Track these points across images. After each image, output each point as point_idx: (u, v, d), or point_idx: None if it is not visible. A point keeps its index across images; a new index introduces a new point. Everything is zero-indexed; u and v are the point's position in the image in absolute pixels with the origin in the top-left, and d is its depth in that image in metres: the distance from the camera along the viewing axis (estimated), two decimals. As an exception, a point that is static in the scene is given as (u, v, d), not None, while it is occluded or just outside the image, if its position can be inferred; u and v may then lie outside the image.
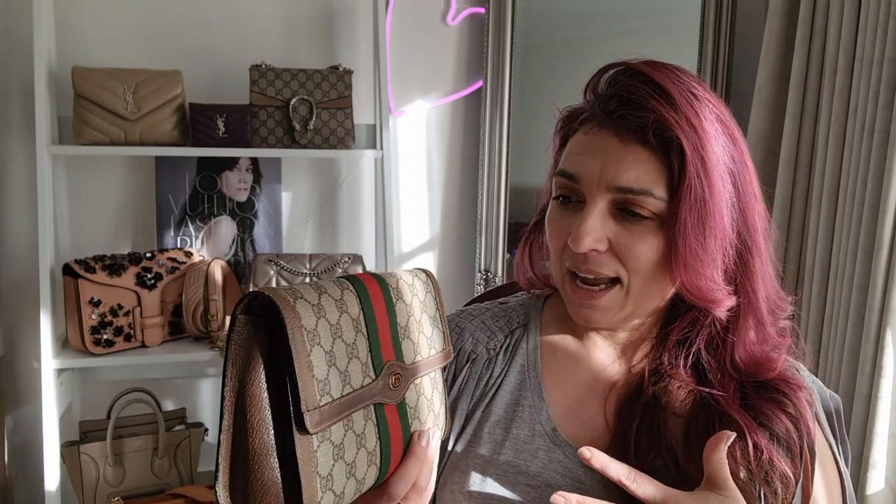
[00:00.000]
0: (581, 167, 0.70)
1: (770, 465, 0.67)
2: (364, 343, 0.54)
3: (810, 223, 1.66)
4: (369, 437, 0.53)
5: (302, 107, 1.77)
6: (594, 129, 0.70)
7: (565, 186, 0.72)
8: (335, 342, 0.51)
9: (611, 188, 0.68)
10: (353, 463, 0.51)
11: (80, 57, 1.76)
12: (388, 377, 0.56)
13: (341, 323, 0.52)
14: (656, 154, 0.68)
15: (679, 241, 0.67)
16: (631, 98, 0.68)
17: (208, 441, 1.86)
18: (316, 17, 1.95)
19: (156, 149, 1.70)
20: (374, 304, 0.56)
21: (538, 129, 2.02)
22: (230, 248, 1.95)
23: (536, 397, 0.77)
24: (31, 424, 1.87)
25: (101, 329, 1.63)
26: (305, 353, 0.48)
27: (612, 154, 0.68)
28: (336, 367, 0.51)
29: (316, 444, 0.48)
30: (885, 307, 1.38)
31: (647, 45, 2.03)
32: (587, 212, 0.69)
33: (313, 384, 0.48)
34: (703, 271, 0.69)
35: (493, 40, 1.98)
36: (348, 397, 0.51)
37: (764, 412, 0.70)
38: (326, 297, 0.52)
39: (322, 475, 0.49)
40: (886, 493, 1.41)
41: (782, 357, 0.75)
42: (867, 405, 1.42)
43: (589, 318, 0.73)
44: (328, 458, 0.49)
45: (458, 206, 2.11)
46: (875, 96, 1.44)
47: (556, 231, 0.74)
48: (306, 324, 0.49)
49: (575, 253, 0.70)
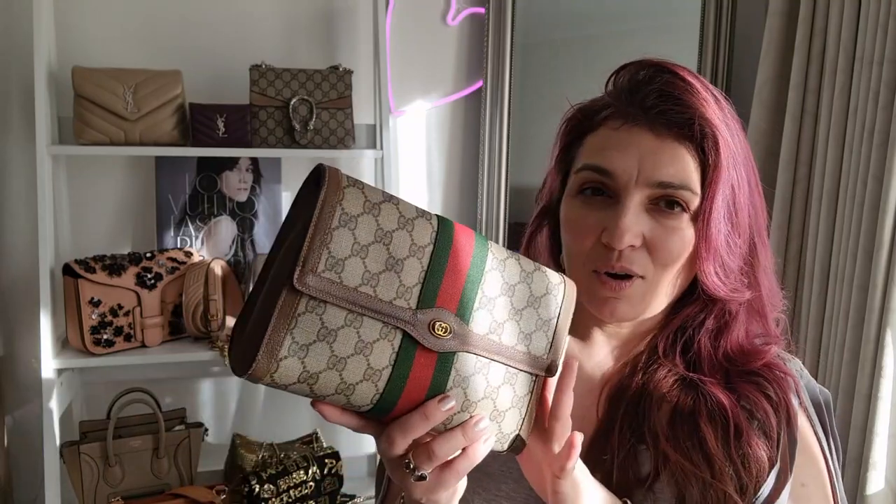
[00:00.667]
0: (615, 162, 0.70)
1: (748, 448, 0.69)
2: (417, 271, 0.53)
3: (810, 223, 1.66)
4: (378, 353, 0.52)
5: (302, 107, 1.77)
6: (625, 126, 0.70)
7: (594, 182, 0.71)
8: (375, 244, 0.52)
9: (650, 184, 0.68)
10: (344, 360, 0.51)
11: (80, 57, 1.76)
12: (432, 320, 0.54)
13: (395, 235, 0.53)
14: (690, 149, 0.69)
15: (713, 233, 0.69)
16: (670, 94, 0.69)
17: (208, 441, 1.86)
18: (316, 17, 1.95)
19: (156, 149, 1.70)
20: (455, 249, 0.55)
21: (538, 129, 2.02)
22: (230, 248, 1.95)
23: None
24: (31, 424, 1.87)
25: (101, 329, 1.63)
26: (328, 224, 0.50)
27: (648, 149, 0.69)
28: (363, 262, 0.51)
29: (302, 308, 0.49)
30: (885, 307, 1.38)
31: (647, 45, 2.02)
32: (625, 207, 0.68)
33: (322, 253, 0.49)
34: (729, 264, 0.71)
35: (493, 40, 1.98)
36: (363, 296, 0.51)
37: (745, 395, 0.72)
38: (391, 206, 0.53)
39: (296, 340, 0.49)
40: (886, 493, 1.41)
41: (772, 349, 0.76)
42: (867, 405, 1.42)
43: (615, 310, 0.72)
44: (311, 331, 0.50)
45: (458, 206, 2.11)
46: (875, 96, 1.44)
47: (582, 228, 0.72)
48: (347, 207, 0.51)
49: (604, 251, 0.70)
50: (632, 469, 0.71)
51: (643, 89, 0.71)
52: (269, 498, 1.73)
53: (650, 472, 0.71)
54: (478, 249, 0.57)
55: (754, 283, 0.74)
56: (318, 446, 1.91)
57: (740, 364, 0.74)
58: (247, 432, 1.95)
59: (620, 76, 0.74)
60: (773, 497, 0.69)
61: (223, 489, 1.72)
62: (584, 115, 0.76)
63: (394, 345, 0.53)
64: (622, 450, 0.71)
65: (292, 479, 1.77)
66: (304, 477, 1.79)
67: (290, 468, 1.78)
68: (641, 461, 0.71)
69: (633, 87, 0.72)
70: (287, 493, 1.76)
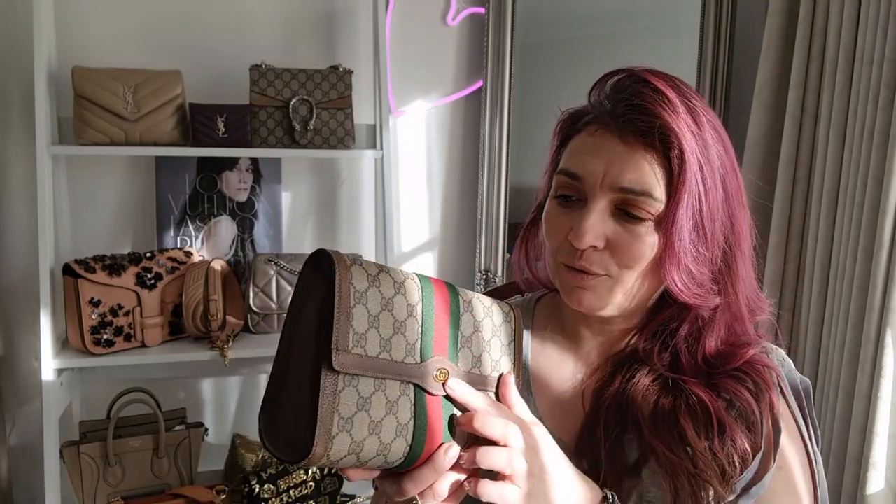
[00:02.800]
0: (585, 167, 0.73)
1: (732, 443, 0.71)
2: (415, 328, 0.59)
3: (810, 223, 1.66)
4: (402, 409, 0.57)
5: (302, 107, 1.77)
6: (599, 132, 0.73)
7: (567, 185, 0.75)
8: (383, 312, 0.57)
9: (613, 188, 0.71)
10: (380, 423, 0.56)
11: (80, 57, 1.76)
12: (434, 369, 0.60)
13: (394, 301, 0.58)
14: (658, 157, 0.71)
15: (674, 240, 0.71)
16: (637, 103, 0.71)
17: (208, 441, 1.86)
18: (316, 17, 1.95)
19: (156, 149, 1.70)
20: (436, 302, 0.62)
21: (538, 129, 2.02)
22: (230, 248, 1.95)
23: (525, 392, 0.80)
24: (31, 424, 1.87)
25: (101, 329, 1.63)
26: (348, 305, 0.55)
27: (615, 156, 0.71)
28: (378, 332, 0.56)
29: (341, 385, 0.54)
30: (885, 307, 1.38)
31: (647, 45, 2.03)
32: (589, 209, 0.72)
33: (349, 332, 0.54)
34: (694, 271, 0.73)
35: (493, 40, 1.98)
36: (384, 362, 0.56)
37: (726, 387, 0.74)
38: (386, 275, 0.59)
39: (342, 416, 0.53)
40: (886, 493, 1.41)
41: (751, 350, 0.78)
42: (867, 405, 1.42)
43: (581, 300, 0.75)
44: (351, 403, 0.54)
45: (458, 206, 2.11)
46: (875, 96, 1.44)
47: (554, 228, 0.76)
48: (356, 284, 0.56)
49: (571, 248, 0.73)
50: (619, 457, 0.74)
51: (615, 97, 0.73)
52: (269, 498, 1.73)
53: (637, 459, 0.74)
54: (451, 297, 0.64)
55: (729, 290, 0.76)
56: (318, 446, 1.91)
57: (720, 367, 0.76)
58: (247, 432, 1.95)
59: (600, 82, 0.77)
60: (755, 481, 0.72)
61: (223, 489, 1.72)
62: (571, 120, 0.79)
63: (410, 398, 0.58)
64: (608, 439, 0.74)
65: (292, 479, 1.77)
66: (304, 477, 1.79)
67: (290, 468, 1.78)
68: (628, 449, 0.74)
69: (608, 95, 0.75)
70: (287, 493, 1.76)
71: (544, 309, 0.89)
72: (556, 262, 0.77)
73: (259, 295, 1.80)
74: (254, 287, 1.80)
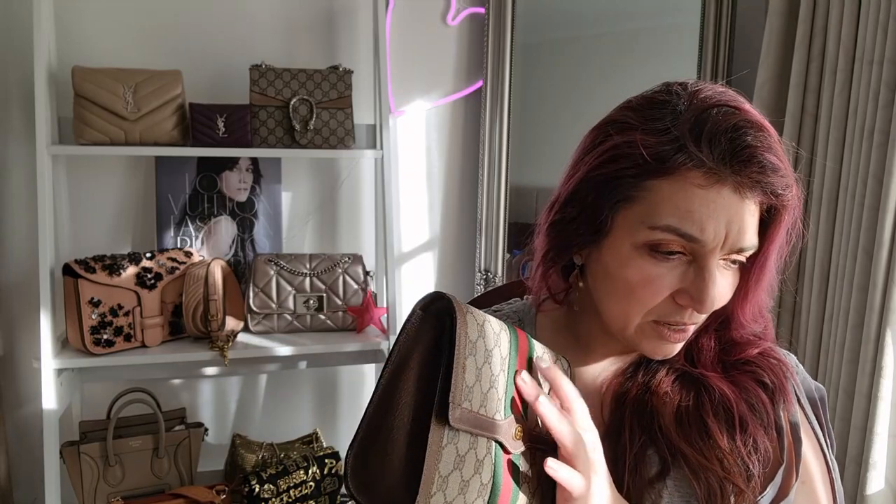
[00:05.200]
0: (706, 230, 0.64)
1: (754, 442, 0.69)
2: (504, 383, 0.56)
3: (810, 223, 1.66)
4: (486, 469, 0.54)
5: (302, 107, 1.77)
6: (715, 187, 0.64)
7: (673, 243, 0.66)
8: (484, 365, 0.54)
9: (733, 249, 0.67)
10: (468, 483, 0.53)
11: (80, 57, 1.76)
12: (513, 427, 0.57)
13: (493, 353, 0.55)
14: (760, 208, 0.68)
15: (763, 280, 0.70)
16: (772, 164, 0.65)
17: (208, 441, 1.86)
18: (316, 17, 1.95)
19: (156, 149, 1.70)
20: (519, 355, 0.59)
21: (538, 129, 2.02)
22: (230, 248, 1.95)
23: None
24: (31, 424, 1.87)
25: (101, 329, 1.63)
26: (464, 355, 0.52)
27: (734, 215, 0.65)
28: (480, 384, 0.53)
29: (445, 440, 0.51)
30: (885, 307, 1.38)
31: (647, 45, 2.03)
32: (711, 274, 0.66)
33: (462, 384, 0.51)
34: (763, 301, 0.73)
35: (493, 40, 1.98)
36: (481, 417, 0.53)
37: (743, 386, 0.73)
38: (489, 325, 0.56)
39: (441, 474, 0.50)
40: (886, 493, 1.41)
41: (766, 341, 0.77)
42: (867, 405, 1.42)
43: (668, 353, 0.72)
44: (450, 461, 0.51)
45: (458, 206, 2.11)
46: (875, 96, 1.44)
47: (656, 287, 0.68)
48: (470, 335, 0.53)
49: (678, 309, 0.68)
50: (641, 469, 0.71)
51: (741, 152, 0.64)
52: (269, 498, 1.73)
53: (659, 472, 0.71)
54: (530, 351, 0.60)
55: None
56: (318, 446, 1.91)
57: (735, 353, 0.75)
58: (247, 432, 1.95)
59: (702, 120, 0.65)
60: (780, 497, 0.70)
61: (223, 489, 1.72)
62: (650, 154, 0.65)
63: (492, 457, 0.55)
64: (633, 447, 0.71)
65: (292, 479, 1.77)
66: (304, 477, 1.79)
67: (290, 468, 1.78)
68: (650, 463, 0.71)
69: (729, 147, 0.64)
70: (287, 493, 1.76)
71: (547, 318, 0.85)
72: (643, 320, 0.70)
73: (259, 295, 1.80)
74: (254, 287, 1.80)
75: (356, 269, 1.85)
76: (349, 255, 1.87)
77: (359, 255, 1.87)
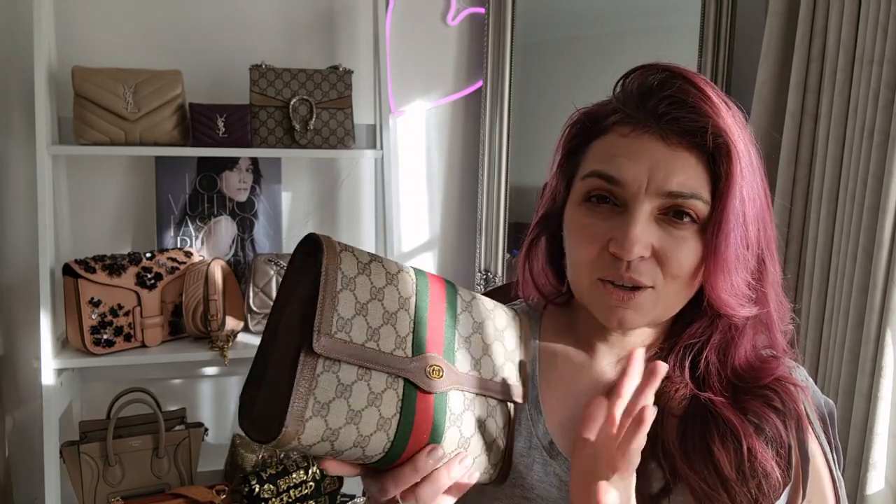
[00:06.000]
0: (625, 171, 0.67)
1: (763, 471, 0.67)
2: (407, 322, 0.58)
3: (810, 223, 1.66)
4: (387, 403, 0.56)
5: (302, 107, 1.77)
6: (635, 132, 0.68)
7: (602, 188, 0.69)
8: (372, 301, 0.56)
9: (661, 193, 0.67)
10: (359, 413, 0.54)
11: (80, 57, 1.76)
12: (426, 365, 0.58)
13: (385, 291, 0.57)
14: (703, 158, 0.67)
15: (721, 246, 0.67)
16: (684, 102, 0.67)
17: (208, 441, 1.86)
18: (316, 17, 1.95)
19: (156, 149, 1.70)
20: (431, 298, 0.60)
21: (538, 129, 2.02)
22: (230, 248, 1.95)
23: (534, 410, 0.76)
24: (31, 424, 1.87)
25: (101, 329, 1.63)
26: (334, 289, 0.53)
27: (660, 158, 0.67)
28: (366, 320, 0.55)
29: (320, 369, 0.52)
30: (885, 307, 1.38)
31: (647, 45, 2.03)
32: (634, 217, 0.67)
33: (333, 316, 0.53)
34: (736, 277, 0.69)
35: (493, 40, 1.98)
36: (370, 351, 0.55)
37: (754, 410, 0.70)
38: (378, 265, 0.57)
39: (318, 400, 0.52)
40: (886, 493, 1.41)
41: (782, 364, 0.74)
42: (867, 405, 1.42)
43: (623, 319, 0.70)
44: (329, 389, 0.53)
45: (458, 206, 2.11)
46: (875, 96, 1.44)
47: (587, 237, 0.70)
48: (345, 270, 0.55)
49: (613, 260, 0.68)
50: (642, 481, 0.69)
51: (655, 95, 0.68)
52: (269, 498, 1.73)
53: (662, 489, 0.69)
54: (449, 295, 0.62)
55: (761, 297, 0.72)
56: (318, 446, 1.91)
57: (749, 381, 0.72)
58: (247, 432, 1.95)
59: (630, 80, 0.71)
60: None
61: (223, 489, 1.72)
62: (590, 120, 0.73)
63: (398, 393, 0.56)
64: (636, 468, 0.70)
65: (292, 479, 1.77)
66: (304, 477, 1.79)
67: (290, 468, 1.78)
68: (653, 479, 0.70)
69: (645, 92, 0.69)
70: (287, 493, 1.76)
71: (552, 319, 0.83)
72: (589, 279, 0.70)
73: (259, 295, 1.80)
74: (254, 287, 1.80)
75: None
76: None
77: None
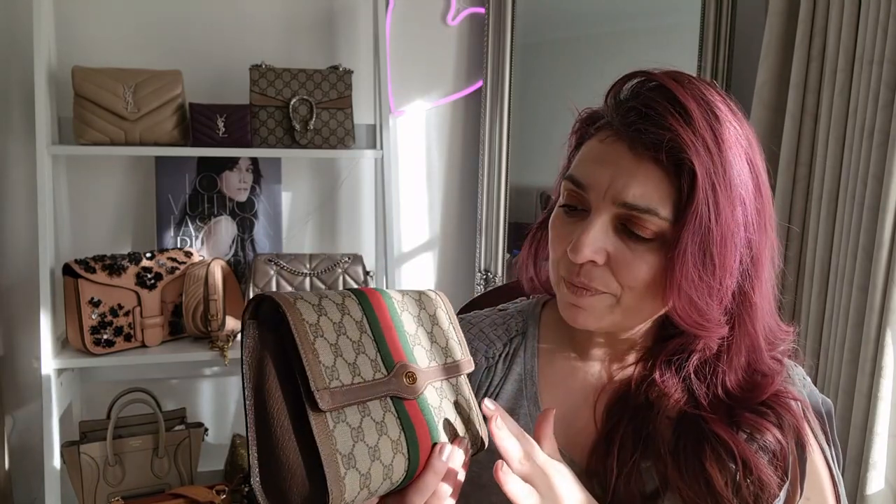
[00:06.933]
0: (590, 176, 0.68)
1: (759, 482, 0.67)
2: (371, 343, 0.59)
3: (810, 223, 1.66)
4: (390, 426, 0.57)
5: (302, 107, 1.77)
6: (609, 139, 0.68)
7: (572, 194, 0.70)
8: (339, 337, 0.56)
9: (616, 202, 0.66)
10: (377, 447, 0.55)
11: (80, 57, 1.76)
12: (402, 375, 0.59)
13: (344, 322, 0.57)
14: (667, 173, 0.65)
15: (677, 265, 0.65)
16: (649, 113, 0.65)
17: (208, 441, 1.86)
18: (316, 17, 1.95)
19: (156, 149, 1.70)
20: (376, 310, 0.61)
21: (538, 129, 2.02)
22: (230, 248, 1.95)
23: (532, 406, 0.77)
24: (31, 424, 1.87)
25: (101, 329, 1.63)
26: (309, 341, 0.53)
27: (623, 167, 0.66)
28: (343, 358, 0.55)
29: (332, 423, 0.52)
30: (885, 307, 1.38)
31: (647, 45, 2.03)
32: (590, 222, 0.67)
33: (320, 368, 0.53)
34: (697, 299, 0.66)
35: (493, 40, 1.98)
36: (359, 386, 0.55)
37: (750, 423, 0.70)
38: (327, 300, 0.57)
39: (343, 453, 0.52)
40: (886, 493, 1.41)
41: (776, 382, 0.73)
42: (867, 405, 1.42)
43: (576, 318, 0.71)
44: (347, 437, 0.53)
45: (458, 206, 2.11)
46: (875, 96, 1.44)
47: (557, 237, 0.72)
48: (308, 318, 0.54)
49: (571, 262, 0.69)
50: (636, 484, 0.70)
51: (628, 103, 0.68)
52: (269, 498, 1.73)
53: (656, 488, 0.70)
54: (386, 301, 0.63)
55: (744, 321, 0.70)
56: (318, 446, 1.91)
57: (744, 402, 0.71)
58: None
59: (618, 84, 0.71)
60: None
61: (223, 489, 1.72)
62: (587, 122, 0.74)
63: (393, 412, 0.58)
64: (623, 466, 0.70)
65: (292, 479, 1.77)
66: (304, 477, 1.79)
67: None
68: (646, 477, 0.70)
69: (623, 100, 0.69)
70: (287, 493, 1.76)
71: (550, 317, 0.84)
72: (556, 277, 0.73)
73: (259, 295, 1.80)
74: (254, 287, 1.80)
75: (356, 269, 1.85)
76: (349, 255, 1.87)
77: (359, 255, 1.87)
